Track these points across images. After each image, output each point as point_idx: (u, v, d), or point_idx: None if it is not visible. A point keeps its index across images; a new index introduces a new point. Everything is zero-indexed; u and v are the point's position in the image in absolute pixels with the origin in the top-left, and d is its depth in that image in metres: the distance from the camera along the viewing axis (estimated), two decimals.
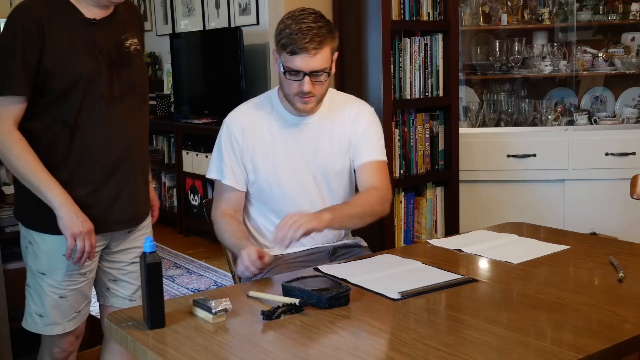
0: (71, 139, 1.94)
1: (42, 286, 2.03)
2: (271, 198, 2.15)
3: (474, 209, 3.74)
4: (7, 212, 2.70)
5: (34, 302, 2.06)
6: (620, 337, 1.41)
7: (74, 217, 1.92)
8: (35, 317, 2.05)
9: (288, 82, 2.02)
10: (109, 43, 1.99)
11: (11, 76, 1.87)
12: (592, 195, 3.69)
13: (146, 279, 1.50)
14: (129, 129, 2.03)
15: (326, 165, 2.15)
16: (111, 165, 2.01)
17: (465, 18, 3.91)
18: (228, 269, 2.52)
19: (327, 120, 2.15)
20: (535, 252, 2.01)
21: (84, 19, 1.95)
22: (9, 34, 1.89)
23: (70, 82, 1.91)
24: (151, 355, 1.40)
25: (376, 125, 2.23)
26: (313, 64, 1.97)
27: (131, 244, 2.14)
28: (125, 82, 2.01)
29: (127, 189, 2.05)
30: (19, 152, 1.89)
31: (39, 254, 2.02)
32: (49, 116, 1.93)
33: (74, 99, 1.92)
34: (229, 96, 4.94)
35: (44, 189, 1.90)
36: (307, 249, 2.18)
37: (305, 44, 1.94)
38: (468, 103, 3.97)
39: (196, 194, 5.27)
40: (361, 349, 1.40)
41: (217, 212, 2.16)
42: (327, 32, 1.98)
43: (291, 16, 1.99)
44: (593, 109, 4.05)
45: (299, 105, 2.06)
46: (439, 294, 1.69)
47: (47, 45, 1.88)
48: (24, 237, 2.07)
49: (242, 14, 5.27)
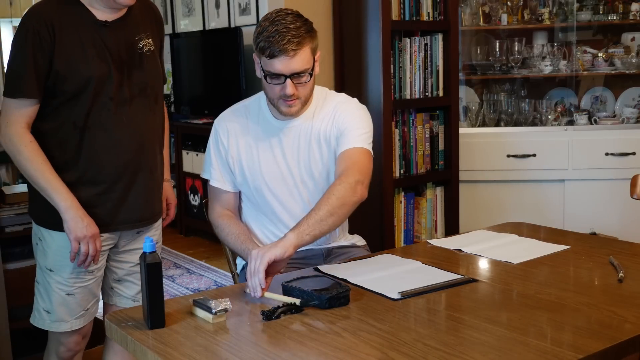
0: (81, 140, 1.96)
1: (49, 283, 2.04)
2: (260, 201, 2.13)
3: (474, 209, 3.74)
4: (7, 212, 2.70)
5: (42, 299, 2.07)
6: (620, 337, 1.41)
7: (79, 221, 1.93)
8: (43, 313, 2.07)
9: (270, 86, 1.98)
10: (119, 45, 2.00)
11: (23, 79, 1.89)
12: (592, 195, 3.69)
13: (146, 279, 1.50)
14: (139, 130, 2.04)
15: (311, 168, 2.10)
16: (120, 167, 2.02)
17: (465, 18, 3.91)
18: (228, 269, 2.51)
19: (308, 123, 2.09)
20: (535, 252, 2.01)
21: (95, 21, 1.96)
22: (21, 36, 1.91)
23: (81, 85, 1.93)
24: (151, 355, 1.40)
25: (357, 115, 2.10)
26: (293, 65, 1.92)
27: (139, 244, 2.14)
28: (136, 84, 2.03)
29: (136, 189, 2.06)
30: (29, 155, 1.91)
31: (48, 250, 2.03)
32: (60, 117, 1.96)
33: (84, 101, 1.94)
34: (229, 96, 4.94)
35: (52, 192, 1.92)
36: (300, 250, 2.13)
37: (283, 45, 1.89)
38: (468, 103, 3.97)
39: (196, 194, 5.27)
40: (361, 349, 1.40)
41: (214, 213, 2.15)
42: (305, 32, 1.93)
43: (268, 18, 1.95)
44: (593, 109, 4.05)
45: (284, 109, 2.01)
46: (439, 294, 1.69)
47: (57, 48, 1.90)
48: (35, 233, 2.09)
49: (242, 14, 5.27)
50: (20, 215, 2.71)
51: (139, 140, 2.04)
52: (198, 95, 5.53)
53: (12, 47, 1.94)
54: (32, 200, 2.07)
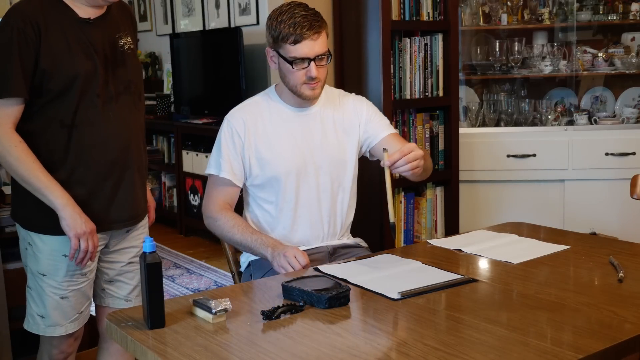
0: (68, 138, 1.95)
1: (42, 287, 2.02)
2: (277, 189, 2.16)
3: (474, 209, 3.74)
4: (7, 212, 2.70)
5: (35, 304, 2.05)
6: (620, 337, 1.41)
7: (77, 218, 1.92)
8: (37, 318, 2.05)
9: (294, 72, 2.08)
10: (104, 42, 1.99)
11: (9, 78, 1.87)
12: (592, 195, 3.69)
13: (146, 279, 1.50)
14: (125, 127, 2.04)
15: (332, 154, 2.20)
16: (109, 164, 2.01)
17: (465, 18, 3.91)
18: (228, 269, 2.51)
19: (328, 109, 2.23)
20: (535, 252, 2.01)
21: (78, 19, 1.95)
22: (5, 36, 1.88)
23: (67, 82, 1.91)
24: (151, 355, 1.40)
25: (375, 109, 2.33)
26: (317, 48, 2.06)
27: (129, 243, 2.14)
28: (121, 81, 2.02)
29: (124, 187, 2.05)
30: (18, 155, 1.89)
31: (39, 255, 2.01)
32: (46, 116, 1.93)
33: (71, 99, 1.92)
34: (228, 96, 4.94)
35: (46, 191, 1.90)
36: (306, 249, 2.18)
37: (306, 30, 2.03)
38: (468, 103, 3.97)
39: (196, 194, 5.27)
40: (361, 349, 1.40)
41: (215, 206, 2.15)
42: (320, 18, 2.09)
43: (282, 12, 2.07)
44: (593, 109, 4.05)
45: (308, 93, 2.12)
46: (439, 294, 1.69)
47: (43, 46, 1.88)
48: (23, 238, 2.06)
49: (242, 14, 5.27)
50: None
51: (126, 137, 2.04)
52: (198, 95, 5.53)
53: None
54: (20, 204, 2.04)
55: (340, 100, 2.28)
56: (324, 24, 2.09)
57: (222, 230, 2.13)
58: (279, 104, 2.19)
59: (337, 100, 2.27)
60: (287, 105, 2.19)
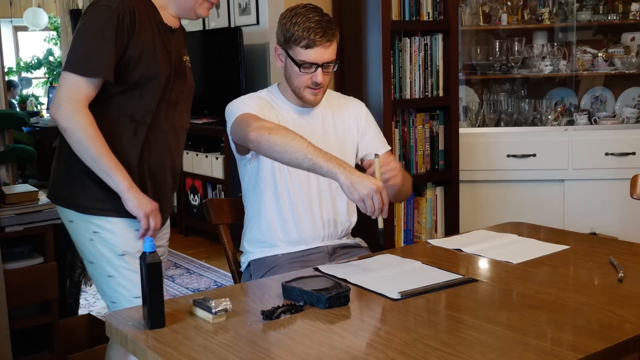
0: (134, 134, 1.98)
1: (126, 267, 1.99)
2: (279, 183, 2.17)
3: (474, 209, 3.74)
4: (7, 212, 2.70)
5: (126, 289, 1.99)
6: (620, 337, 1.41)
7: (142, 198, 1.94)
8: (134, 302, 1.96)
9: (300, 75, 2.10)
10: (177, 52, 2.05)
11: (102, 59, 1.87)
12: (592, 195, 3.69)
13: (146, 279, 1.50)
14: (178, 134, 2.10)
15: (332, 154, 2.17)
16: (163, 166, 2.06)
17: (465, 18, 3.91)
18: (228, 269, 2.52)
19: (328, 111, 2.25)
20: (535, 252, 2.01)
21: (164, 24, 2.01)
22: (103, 17, 1.88)
23: (146, 79, 1.94)
24: (151, 355, 1.40)
25: (373, 119, 2.35)
26: (326, 55, 2.08)
27: (158, 242, 2.17)
28: (179, 93, 2.07)
29: (166, 185, 2.09)
30: (91, 133, 1.87)
31: (113, 237, 1.99)
32: (112, 108, 1.95)
33: (146, 96, 1.96)
34: (228, 96, 4.89)
35: (112, 172, 1.90)
36: (306, 249, 2.19)
37: (319, 37, 2.05)
38: (468, 103, 3.97)
39: (196, 194, 5.27)
40: (361, 349, 1.40)
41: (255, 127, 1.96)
42: (334, 26, 2.10)
43: (296, 13, 2.07)
44: (593, 108, 4.06)
45: (309, 97, 2.14)
46: (439, 294, 1.69)
47: (135, 37, 1.91)
48: (86, 229, 2.00)
49: (242, 14, 5.27)
50: (20, 215, 2.70)
51: (176, 144, 2.10)
52: (198, 95, 5.45)
53: (88, 24, 1.89)
54: (81, 191, 1.99)
55: (340, 102, 2.30)
56: (337, 31, 2.11)
57: (272, 143, 1.91)
58: (283, 102, 2.21)
59: (337, 102, 2.29)
60: (290, 104, 2.21)
